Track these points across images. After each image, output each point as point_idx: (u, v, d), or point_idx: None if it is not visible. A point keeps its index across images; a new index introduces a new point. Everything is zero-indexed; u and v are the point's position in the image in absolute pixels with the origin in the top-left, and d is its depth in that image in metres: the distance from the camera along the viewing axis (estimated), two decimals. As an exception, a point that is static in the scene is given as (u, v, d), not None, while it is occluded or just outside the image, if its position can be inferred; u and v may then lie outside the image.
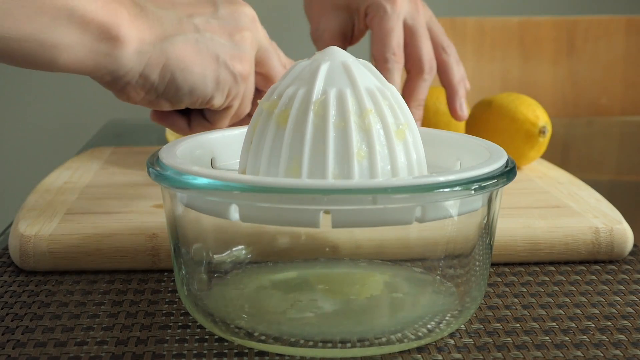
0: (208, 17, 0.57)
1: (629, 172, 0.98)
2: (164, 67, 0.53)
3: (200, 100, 0.57)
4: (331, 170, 0.44)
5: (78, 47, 0.49)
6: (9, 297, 0.51)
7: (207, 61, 0.56)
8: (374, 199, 0.39)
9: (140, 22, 0.52)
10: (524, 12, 1.99)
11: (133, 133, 1.10)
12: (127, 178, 0.71)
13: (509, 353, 0.43)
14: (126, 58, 0.51)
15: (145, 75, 0.53)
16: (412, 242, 0.49)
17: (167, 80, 0.54)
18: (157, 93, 0.55)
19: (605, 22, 1.43)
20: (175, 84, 0.55)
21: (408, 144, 0.46)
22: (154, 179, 0.44)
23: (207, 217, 0.43)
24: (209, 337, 0.45)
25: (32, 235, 0.55)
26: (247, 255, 0.51)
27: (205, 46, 0.56)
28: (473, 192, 0.41)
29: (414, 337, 0.43)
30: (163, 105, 0.57)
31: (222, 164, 0.52)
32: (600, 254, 0.57)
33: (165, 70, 0.54)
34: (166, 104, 0.57)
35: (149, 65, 0.53)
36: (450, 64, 0.74)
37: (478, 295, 0.46)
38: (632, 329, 0.46)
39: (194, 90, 0.55)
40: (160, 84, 0.54)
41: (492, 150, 0.47)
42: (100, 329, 0.46)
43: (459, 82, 0.73)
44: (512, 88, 1.39)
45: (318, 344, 0.42)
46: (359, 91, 0.45)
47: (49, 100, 2.07)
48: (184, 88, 0.55)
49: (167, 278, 0.54)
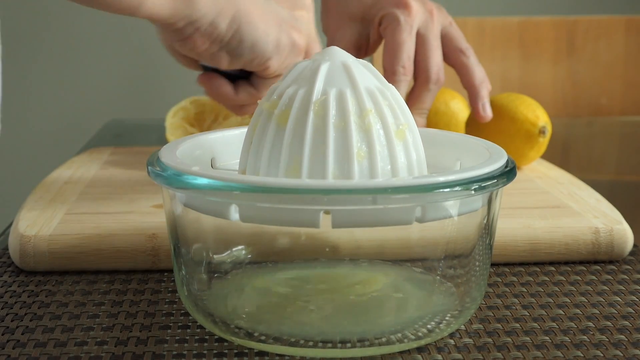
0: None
1: (629, 172, 0.98)
2: (232, 18, 0.57)
3: (258, 60, 0.60)
4: (331, 171, 0.44)
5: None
6: (9, 297, 0.51)
7: (271, 22, 0.60)
8: (374, 199, 0.39)
9: None
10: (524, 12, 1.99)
11: (133, 133, 1.10)
12: (127, 178, 0.71)
13: (509, 353, 0.43)
14: (202, 3, 0.55)
15: (215, 24, 0.57)
16: (412, 242, 0.49)
17: (233, 31, 0.58)
18: (221, 44, 0.59)
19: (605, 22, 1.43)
20: (240, 36, 0.58)
21: (408, 144, 0.46)
22: (153, 179, 0.44)
23: (207, 217, 0.43)
24: (209, 337, 0.45)
25: (32, 235, 0.55)
26: (247, 255, 0.51)
27: (270, 9, 0.60)
28: (473, 192, 0.41)
29: (414, 337, 0.43)
30: (222, 59, 0.60)
31: (222, 164, 0.52)
32: (600, 254, 0.57)
33: (233, 21, 0.57)
34: (226, 57, 0.60)
35: (219, 15, 0.57)
36: (470, 66, 0.74)
37: (478, 296, 0.46)
38: (632, 329, 0.46)
39: (255, 46, 0.59)
40: (227, 34, 0.58)
41: (492, 151, 0.47)
42: (100, 329, 0.46)
43: (480, 83, 0.74)
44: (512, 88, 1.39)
45: (318, 344, 0.42)
46: (359, 91, 0.45)
47: (49, 100, 2.07)
48: (247, 41, 0.59)
49: (167, 278, 0.54)
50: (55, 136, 2.07)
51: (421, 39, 0.72)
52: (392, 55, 0.71)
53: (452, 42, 0.75)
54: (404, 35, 0.71)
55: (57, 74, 2.07)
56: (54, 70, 2.06)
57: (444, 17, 0.75)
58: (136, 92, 2.08)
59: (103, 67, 2.06)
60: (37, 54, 2.04)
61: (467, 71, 0.74)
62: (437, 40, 0.73)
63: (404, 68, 0.70)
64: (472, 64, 0.74)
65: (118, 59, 2.07)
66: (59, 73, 2.07)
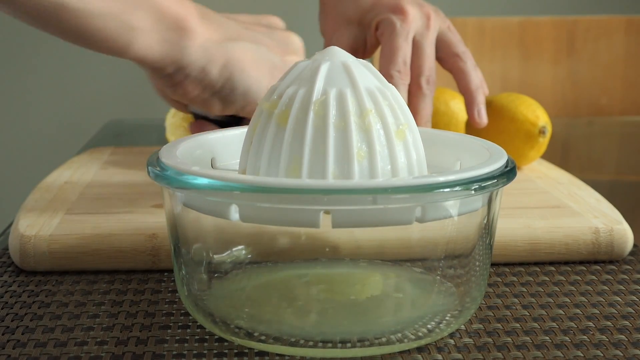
0: (264, 35, 0.62)
1: (629, 172, 0.98)
2: (224, 66, 0.57)
3: (250, 106, 0.60)
4: (331, 170, 0.44)
5: (152, 34, 0.53)
6: (9, 297, 0.51)
7: (263, 69, 0.60)
8: (374, 199, 0.39)
9: (207, 22, 0.57)
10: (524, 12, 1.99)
11: (133, 133, 1.10)
12: (127, 178, 0.71)
13: (509, 353, 0.43)
14: (192, 49, 0.55)
15: (206, 71, 0.57)
16: (412, 242, 0.49)
17: (225, 78, 0.58)
18: (213, 90, 0.58)
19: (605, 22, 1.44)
20: (232, 83, 0.58)
21: (408, 144, 0.46)
22: (153, 178, 0.44)
23: (207, 217, 0.43)
24: (209, 337, 0.45)
25: (32, 235, 0.55)
26: (247, 255, 0.51)
27: (262, 56, 0.60)
28: (473, 192, 0.41)
29: (414, 337, 0.43)
30: (214, 105, 0.60)
31: (222, 164, 0.52)
32: (600, 254, 0.57)
33: (225, 69, 0.57)
34: (218, 104, 0.59)
35: (211, 62, 0.57)
36: (467, 71, 0.74)
37: (478, 295, 0.46)
38: (632, 329, 0.46)
39: (248, 93, 0.59)
40: (219, 81, 0.58)
41: (492, 151, 0.47)
42: (100, 329, 0.46)
43: (476, 89, 0.73)
44: (512, 88, 1.39)
45: (318, 344, 0.42)
46: (359, 91, 0.45)
47: (49, 100, 2.07)
48: (240, 89, 0.58)
49: (167, 278, 0.54)
50: (55, 136, 2.07)
51: (416, 45, 0.73)
52: (387, 60, 0.71)
53: (449, 47, 0.75)
54: (399, 41, 0.71)
55: (57, 74, 2.07)
56: (54, 70, 2.06)
57: (442, 20, 0.75)
58: (136, 92, 2.08)
59: (103, 67, 2.06)
60: (37, 53, 2.04)
61: (464, 76, 0.74)
62: (431, 47, 0.73)
63: (399, 72, 0.70)
64: (469, 69, 0.74)
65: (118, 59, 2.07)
66: (59, 73, 2.07)
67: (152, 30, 0.53)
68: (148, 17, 0.53)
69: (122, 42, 0.52)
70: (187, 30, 0.55)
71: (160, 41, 0.54)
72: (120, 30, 0.52)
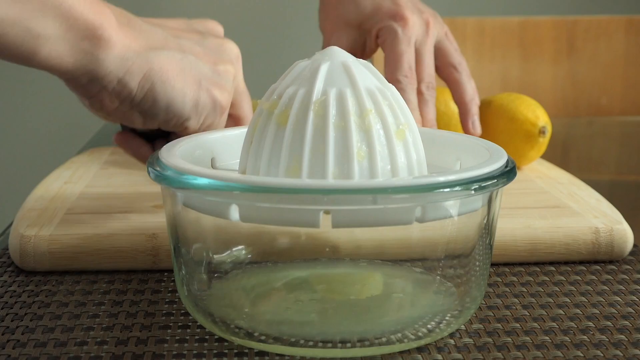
0: (194, 42, 0.57)
1: (629, 172, 0.98)
2: (145, 77, 0.52)
3: (175, 120, 0.55)
4: (331, 170, 0.44)
5: (61, 42, 0.49)
6: (9, 297, 0.51)
7: (189, 80, 0.54)
8: (374, 199, 0.39)
9: (127, 30, 0.52)
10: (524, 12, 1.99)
11: (133, 133, 1.09)
12: (127, 178, 0.71)
13: (509, 353, 0.43)
14: (108, 60, 0.50)
15: (124, 82, 0.52)
16: (412, 242, 0.49)
17: (146, 90, 0.53)
18: (133, 104, 0.53)
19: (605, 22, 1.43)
20: (154, 96, 0.53)
21: (408, 144, 0.46)
22: (154, 179, 0.44)
23: (207, 217, 0.43)
24: (209, 337, 0.45)
25: (32, 236, 0.55)
26: (247, 255, 0.51)
27: (189, 66, 0.54)
28: (473, 192, 0.41)
29: (414, 337, 0.43)
30: (135, 120, 0.55)
31: (222, 164, 0.52)
32: (600, 254, 0.57)
33: (145, 80, 0.52)
34: (139, 118, 0.55)
35: (129, 73, 0.52)
36: (461, 83, 0.75)
37: (478, 295, 0.46)
38: (632, 329, 0.46)
39: (171, 106, 0.54)
40: (138, 94, 0.53)
41: (492, 150, 0.47)
42: (100, 329, 0.46)
43: (471, 100, 0.74)
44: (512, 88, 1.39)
45: (318, 344, 0.42)
46: (359, 91, 0.45)
47: (49, 100, 2.07)
48: (162, 102, 0.53)
49: (167, 278, 0.54)
50: (55, 136, 2.07)
51: (416, 52, 0.73)
52: (393, 67, 0.72)
53: (446, 57, 0.75)
54: (402, 47, 0.72)
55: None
56: (54, 70, 2.06)
57: (440, 26, 0.76)
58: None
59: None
60: (37, 54, 2.04)
61: (459, 87, 0.75)
62: (430, 53, 0.74)
63: (406, 77, 0.71)
64: (464, 80, 0.75)
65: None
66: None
67: (62, 39, 0.49)
68: (57, 24, 0.48)
69: (25, 49, 0.48)
70: (102, 39, 0.50)
71: (72, 50, 0.49)
72: (24, 37, 0.47)
